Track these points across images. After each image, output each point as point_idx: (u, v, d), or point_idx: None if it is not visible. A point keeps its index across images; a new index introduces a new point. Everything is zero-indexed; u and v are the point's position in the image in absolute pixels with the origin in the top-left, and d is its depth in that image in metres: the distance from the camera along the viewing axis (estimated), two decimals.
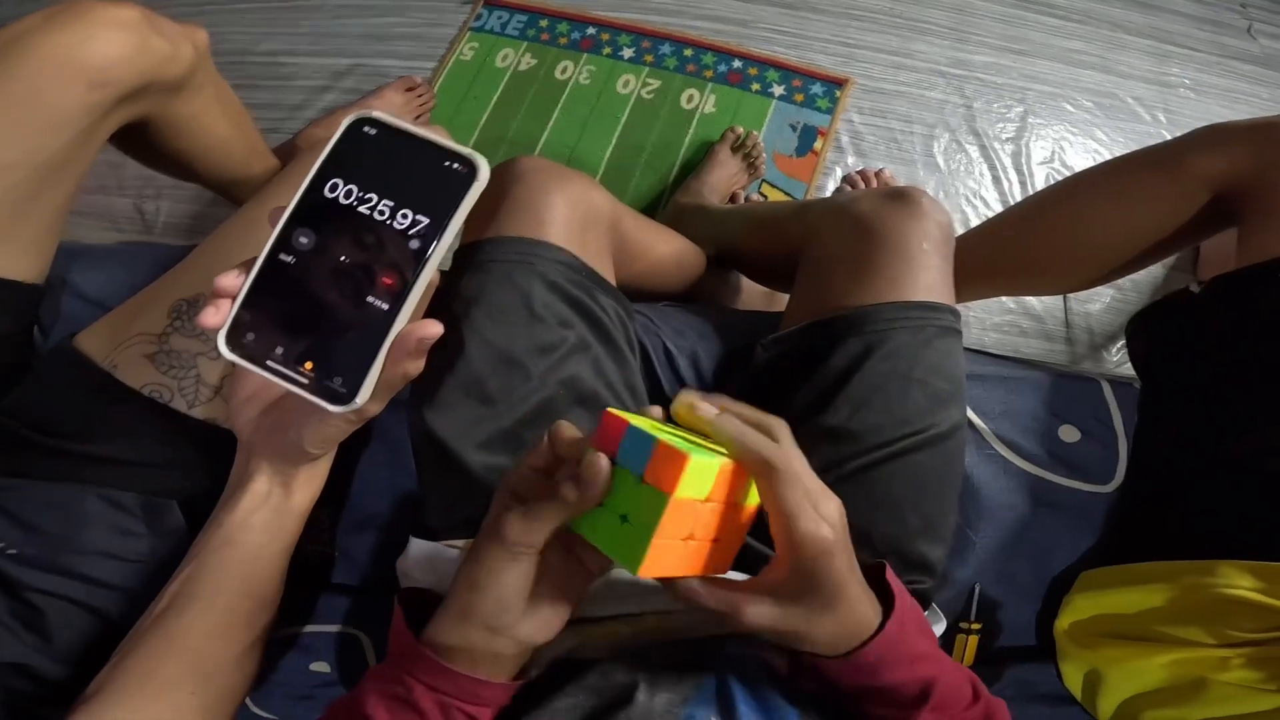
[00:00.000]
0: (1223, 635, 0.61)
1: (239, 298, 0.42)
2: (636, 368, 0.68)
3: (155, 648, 0.49)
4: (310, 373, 0.41)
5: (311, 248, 0.42)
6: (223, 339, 0.42)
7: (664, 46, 1.51)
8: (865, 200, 0.68)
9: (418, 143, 0.41)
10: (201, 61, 0.77)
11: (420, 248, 0.40)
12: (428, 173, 0.41)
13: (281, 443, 0.48)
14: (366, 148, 0.42)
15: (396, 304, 0.41)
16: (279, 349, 0.41)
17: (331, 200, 0.42)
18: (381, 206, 0.41)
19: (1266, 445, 0.64)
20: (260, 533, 0.51)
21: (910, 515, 0.58)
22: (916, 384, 0.59)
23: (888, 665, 0.45)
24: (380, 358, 0.41)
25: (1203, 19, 1.58)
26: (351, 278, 0.41)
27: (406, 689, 0.45)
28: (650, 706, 0.47)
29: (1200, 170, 0.71)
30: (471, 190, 0.41)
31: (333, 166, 0.42)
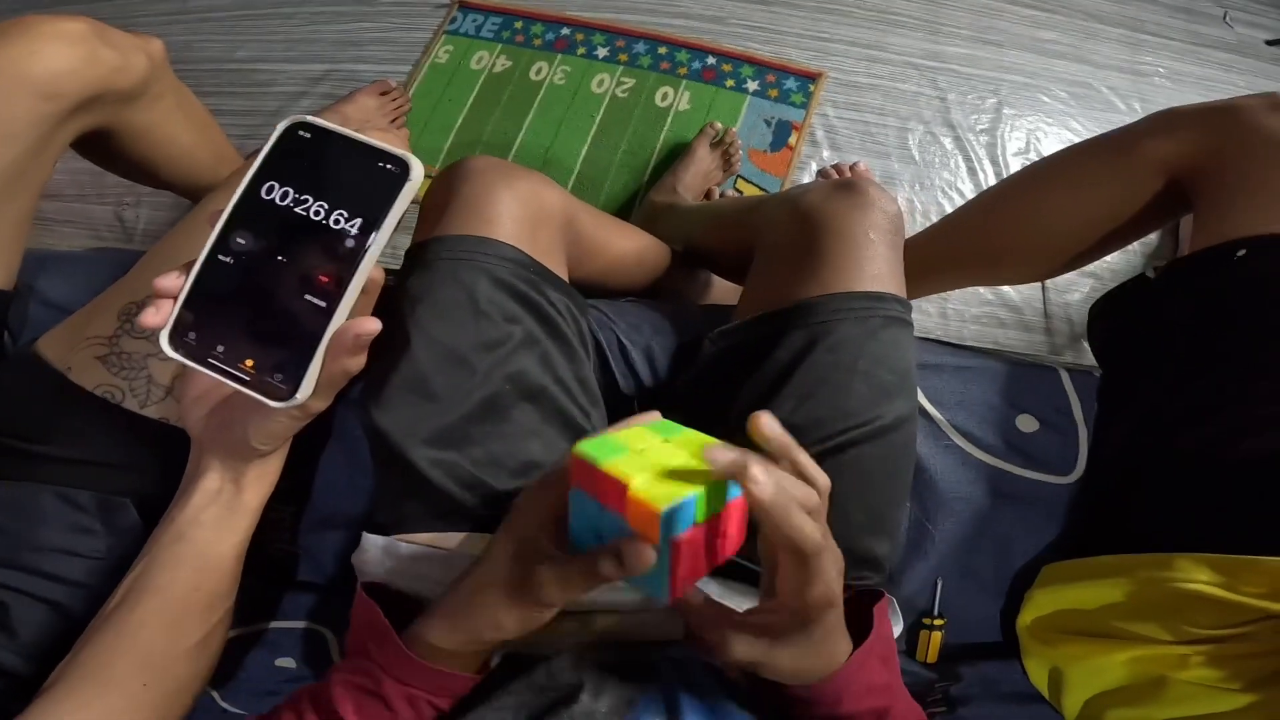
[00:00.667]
0: (1181, 632, 0.60)
1: (180, 298, 0.43)
2: (589, 362, 0.68)
3: (108, 642, 0.49)
4: (251, 370, 0.42)
5: (249, 249, 0.43)
6: (165, 338, 0.43)
7: (638, 45, 1.51)
8: (814, 192, 0.67)
9: (351, 145, 0.43)
10: (157, 71, 0.78)
11: (355, 246, 0.42)
12: (361, 174, 0.42)
13: (230, 439, 0.49)
14: (302, 151, 0.43)
15: (333, 302, 0.42)
16: (220, 347, 0.43)
17: (268, 202, 0.43)
18: (317, 207, 0.42)
19: (1223, 433, 0.62)
20: (211, 529, 0.51)
21: (855, 511, 0.57)
22: (860, 375, 0.59)
23: (848, 695, 0.46)
24: (319, 354, 0.42)
25: (1176, 7, 1.57)
26: (289, 277, 0.42)
27: (375, 682, 0.46)
28: (594, 708, 0.47)
29: (1152, 155, 0.71)
30: (404, 190, 0.42)
31: (269, 170, 0.43)
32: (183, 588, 0.51)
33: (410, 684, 0.46)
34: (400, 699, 0.46)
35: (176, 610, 0.51)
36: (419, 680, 0.46)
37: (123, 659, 0.49)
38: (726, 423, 0.44)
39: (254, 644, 0.80)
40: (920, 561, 0.72)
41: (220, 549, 0.52)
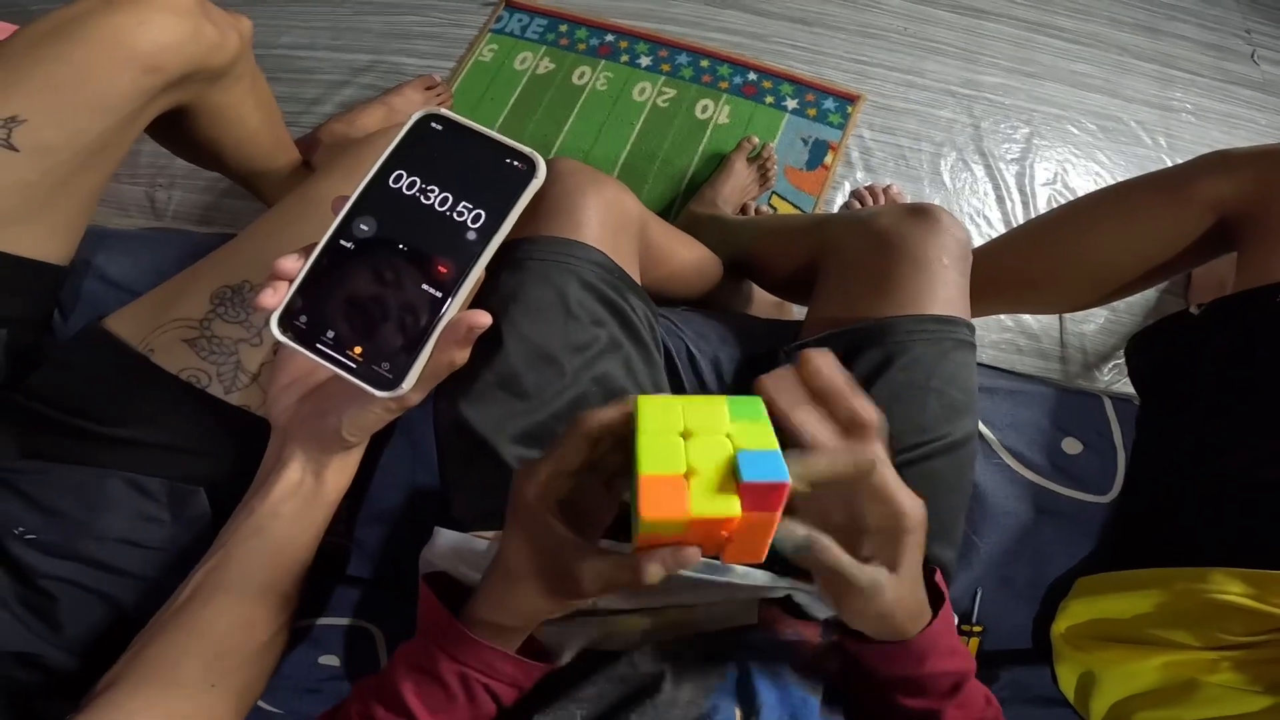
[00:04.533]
0: (1213, 639, 0.64)
1: (296, 281, 0.43)
2: (663, 368, 0.71)
3: (177, 640, 0.48)
4: (359, 357, 0.42)
5: (371, 235, 0.43)
6: (275, 321, 0.43)
7: (681, 56, 1.54)
8: (886, 215, 0.70)
9: (480, 139, 0.43)
10: (245, 50, 0.77)
11: (477, 239, 0.42)
12: (488, 168, 0.43)
13: (319, 429, 0.49)
14: (431, 142, 0.44)
15: (450, 292, 0.42)
16: (330, 332, 0.43)
17: (395, 190, 0.43)
18: (442, 198, 0.43)
19: (1258, 458, 0.67)
20: (290, 522, 0.51)
21: (927, 519, 0.60)
22: (934, 394, 0.62)
23: (933, 654, 0.48)
24: (430, 344, 0.42)
25: (1207, 44, 1.62)
26: (408, 265, 0.42)
27: (431, 660, 0.47)
28: (675, 697, 0.49)
29: (1205, 195, 0.74)
30: (530, 187, 0.42)
31: (398, 158, 0.44)
32: (258, 584, 0.50)
33: (462, 661, 0.46)
34: (453, 676, 0.46)
35: (250, 608, 0.50)
36: (474, 659, 0.47)
37: (191, 659, 0.48)
38: None
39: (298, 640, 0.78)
40: (964, 571, 0.75)
41: (297, 544, 0.51)
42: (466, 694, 0.47)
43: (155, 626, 0.49)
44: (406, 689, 0.47)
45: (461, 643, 0.47)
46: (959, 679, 0.49)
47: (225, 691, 0.49)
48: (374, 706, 0.48)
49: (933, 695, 0.49)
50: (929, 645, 0.47)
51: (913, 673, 0.48)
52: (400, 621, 0.77)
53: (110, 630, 0.59)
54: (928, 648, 0.47)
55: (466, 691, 0.47)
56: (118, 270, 0.82)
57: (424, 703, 0.47)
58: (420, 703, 0.47)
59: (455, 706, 0.47)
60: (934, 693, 0.49)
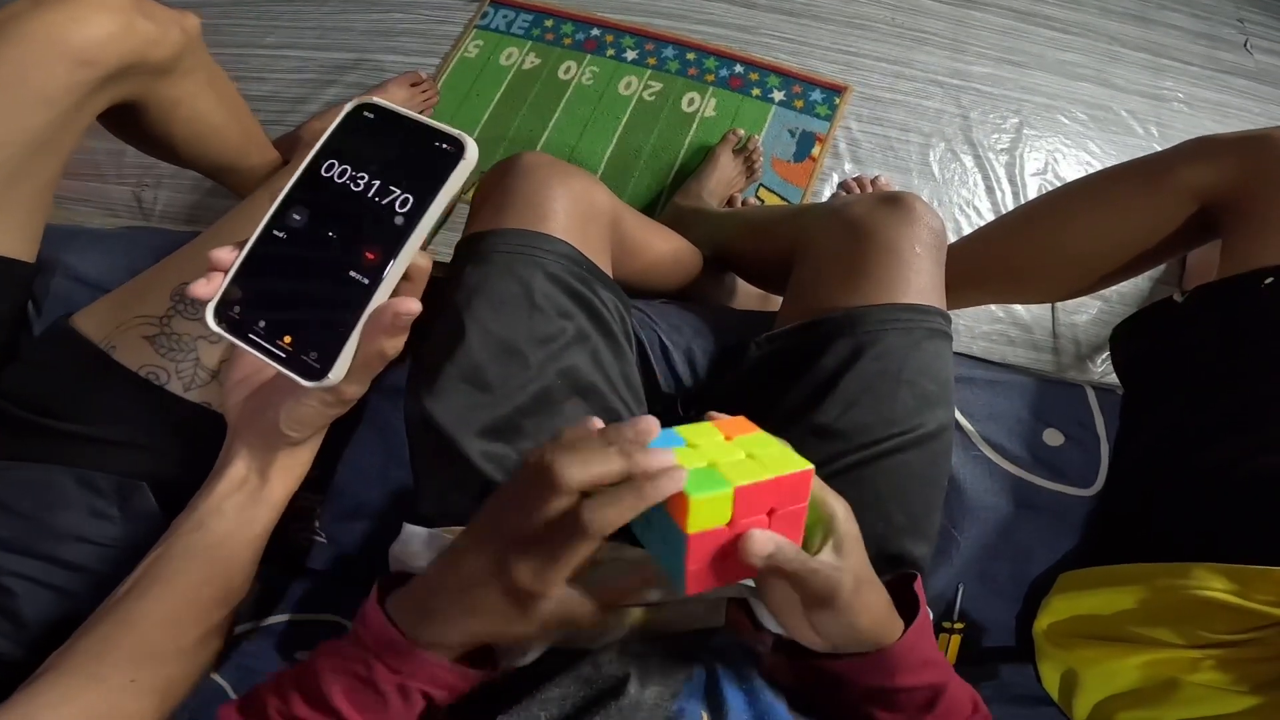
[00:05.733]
0: (1194, 636, 0.63)
1: (231, 271, 0.43)
2: (633, 361, 0.69)
3: (106, 631, 0.48)
4: (289, 347, 0.42)
5: (302, 225, 0.43)
6: (210, 311, 0.43)
7: (667, 50, 1.53)
8: (859, 204, 0.69)
9: (410, 124, 0.43)
10: (191, 46, 0.79)
11: (403, 224, 0.41)
12: (417, 153, 0.42)
13: (261, 425, 0.48)
14: (364, 131, 0.44)
15: (375, 279, 0.41)
16: (262, 322, 0.42)
17: (325, 179, 0.43)
18: (370, 184, 0.42)
19: (1242, 451, 0.65)
20: (231, 519, 0.50)
21: (896, 513, 0.59)
22: (905, 385, 0.61)
23: (905, 668, 0.47)
24: (355, 333, 0.42)
25: (1199, 33, 1.60)
26: (337, 253, 0.42)
27: (366, 668, 0.44)
28: (640, 698, 0.48)
29: (1188, 181, 0.73)
30: (457, 169, 0.41)
31: (331, 148, 0.44)
32: (192, 581, 0.50)
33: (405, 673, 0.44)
34: (391, 685, 0.44)
35: (180, 604, 0.49)
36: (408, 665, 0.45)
37: (116, 651, 0.47)
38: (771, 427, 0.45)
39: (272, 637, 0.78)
40: (944, 567, 0.74)
41: (237, 541, 0.50)
42: (403, 699, 0.45)
43: (92, 619, 0.49)
44: (335, 691, 0.45)
45: (406, 657, 0.45)
46: (934, 692, 0.48)
47: (145, 688, 0.48)
48: (295, 704, 0.45)
49: (907, 710, 0.48)
50: (899, 657, 0.47)
51: (883, 684, 0.47)
52: None
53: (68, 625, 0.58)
54: (898, 659, 0.47)
55: (403, 698, 0.45)
56: (88, 268, 0.82)
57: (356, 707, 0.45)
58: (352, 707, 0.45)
59: (389, 710, 0.45)
60: (908, 707, 0.48)
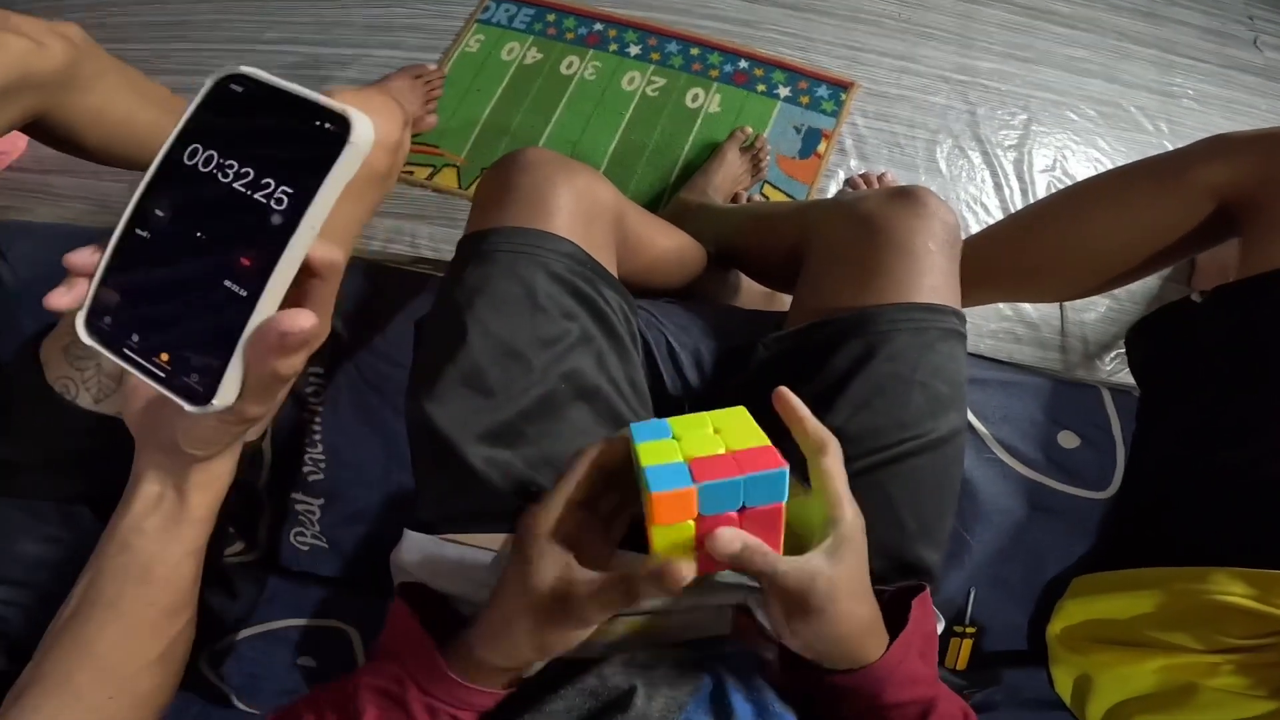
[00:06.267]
0: (1213, 641, 0.62)
1: (95, 276, 0.37)
2: (639, 363, 0.68)
3: (66, 654, 0.47)
4: (167, 365, 0.36)
5: (166, 223, 0.36)
6: (81, 321, 0.37)
7: (670, 45, 1.51)
8: (870, 199, 0.68)
9: (288, 100, 0.35)
10: (81, 52, 0.78)
11: (282, 224, 0.34)
12: (296, 136, 0.35)
13: (161, 440, 0.44)
14: (232, 109, 0.36)
15: (256, 290, 0.34)
16: (135, 336, 0.37)
17: (190, 168, 0.36)
18: (242, 175, 0.35)
19: (1262, 453, 0.64)
20: (155, 539, 0.46)
21: (908, 519, 0.58)
22: (918, 387, 0.59)
23: (892, 684, 0.46)
24: (237, 354, 0.35)
25: (1209, 30, 1.58)
26: (208, 258, 0.35)
27: (401, 688, 0.45)
28: (648, 710, 0.47)
29: (1205, 180, 0.72)
30: (343, 155, 0.34)
31: (194, 130, 0.37)
32: (135, 602, 0.47)
33: (436, 696, 0.46)
34: (421, 708, 0.45)
35: (131, 625, 0.47)
36: (446, 694, 0.46)
37: (83, 673, 0.46)
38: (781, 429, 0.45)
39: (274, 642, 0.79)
40: (956, 570, 0.73)
41: (167, 560, 0.47)
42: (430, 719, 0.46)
43: (48, 639, 0.48)
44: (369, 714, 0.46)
45: (439, 680, 0.46)
46: (924, 707, 0.47)
47: (125, 702, 0.48)
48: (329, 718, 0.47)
49: None
50: (885, 674, 0.46)
51: (871, 701, 0.47)
52: (375, 622, 0.77)
53: None
54: (884, 676, 0.46)
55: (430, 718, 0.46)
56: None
57: None
58: None
59: None
60: None
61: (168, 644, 0.49)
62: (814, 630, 0.44)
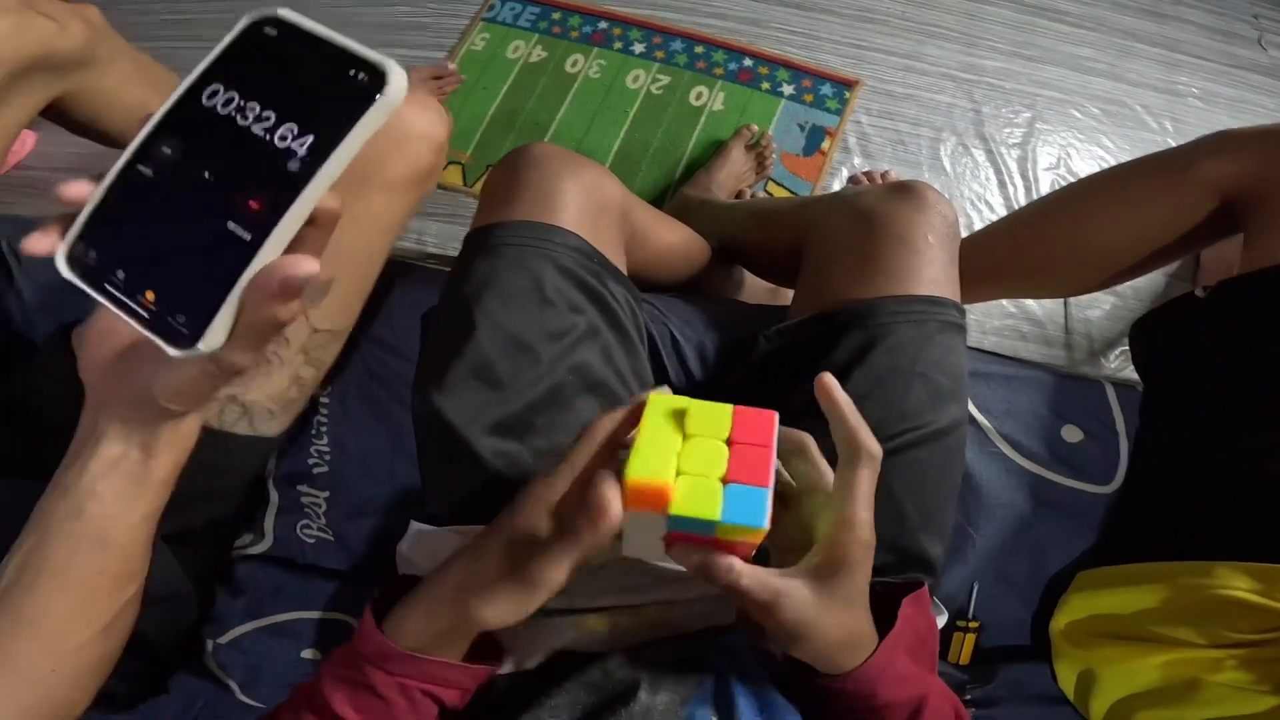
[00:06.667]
0: (1217, 636, 0.62)
1: (87, 209, 0.36)
2: (645, 357, 0.68)
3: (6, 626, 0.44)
4: (151, 304, 0.35)
5: (173, 160, 0.35)
6: (62, 255, 0.36)
7: (675, 43, 1.51)
8: (870, 194, 0.68)
9: (323, 47, 0.34)
10: (99, 35, 0.80)
11: (300, 170, 0.34)
12: (325, 84, 0.34)
13: (132, 394, 0.41)
14: (262, 52, 0.35)
15: (261, 233, 0.34)
16: (120, 272, 0.35)
17: (208, 109, 0.35)
18: (263, 118, 0.34)
19: (1266, 447, 0.64)
20: (112, 503, 0.44)
21: (910, 511, 0.58)
22: (918, 379, 0.59)
23: (883, 685, 0.46)
24: (233, 296, 0.34)
25: (1214, 29, 1.58)
26: (213, 198, 0.35)
27: (360, 672, 0.44)
28: (651, 705, 0.47)
29: (1208, 176, 0.72)
30: (374, 106, 0.33)
31: (219, 71, 0.35)
32: (85, 570, 0.45)
33: (395, 673, 0.44)
34: (390, 688, 0.44)
35: (81, 595, 0.45)
36: (403, 668, 0.44)
37: (28, 645, 0.44)
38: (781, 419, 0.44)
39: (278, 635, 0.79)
40: (959, 565, 0.73)
41: (123, 526, 0.45)
42: (406, 700, 0.45)
43: None
44: (337, 699, 0.45)
45: (389, 655, 0.44)
46: (915, 705, 0.47)
47: (68, 673, 0.46)
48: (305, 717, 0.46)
49: None
50: (873, 676, 0.45)
51: (863, 704, 0.46)
52: None
53: None
54: (872, 678, 0.45)
55: (407, 699, 0.45)
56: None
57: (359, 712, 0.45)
58: (356, 712, 0.45)
59: (393, 711, 0.45)
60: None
61: (115, 614, 0.47)
62: (785, 642, 0.44)
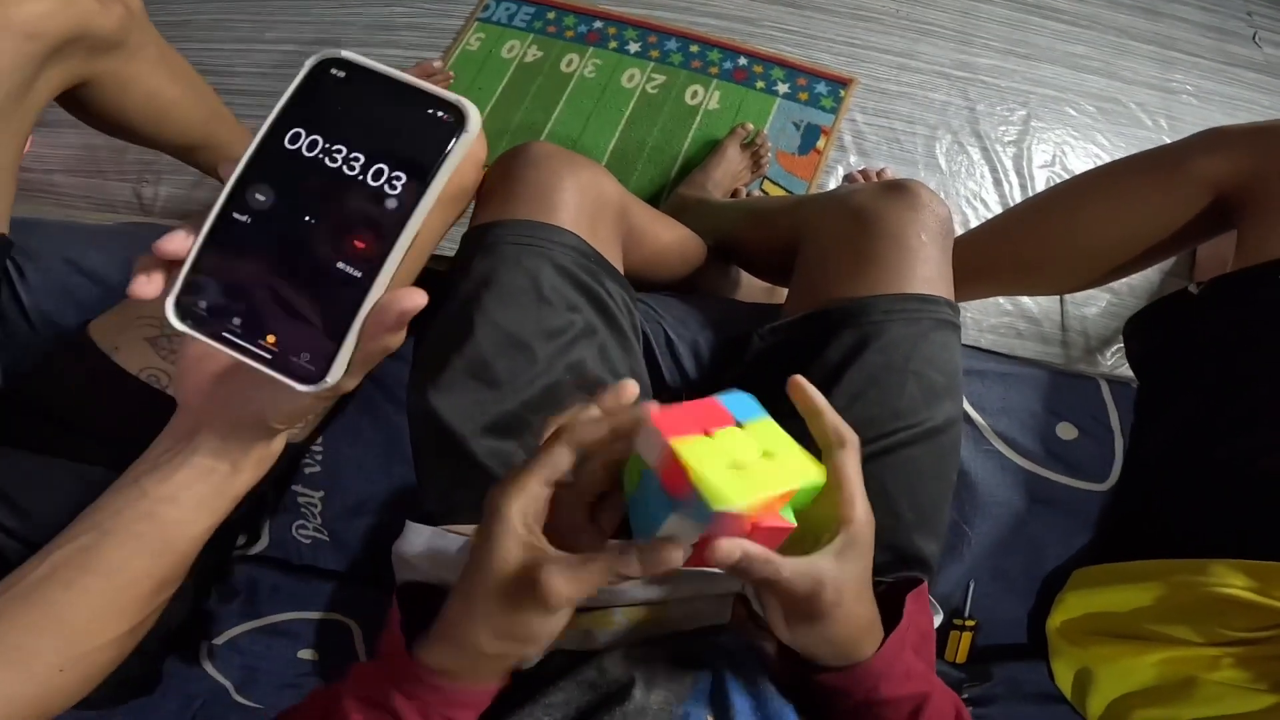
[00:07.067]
0: (1214, 634, 0.62)
1: (188, 261, 0.37)
2: (640, 356, 0.68)
3: (30, 620, 0.44)
4: (273, 347, 0.37)
5: (269, 206, 0.37)
6: (170, 306, 0.37)
7: (670, 42, 1.51)
8: (863, 192, 0.68)
9: (396, 88, 0.36)
10: (136, 21, 0.80)
11: (399, 208, 0.35)
12: (408, 122, 0.36)
13: (239, 417, 0.43)
14: (335, 93, 0.36)
15: (372, 271, 0.36)
16: (236, 320, 0.37)
17: (293, 152, 0.36)
18: (353, 159, 0.36)
19: (1261, 444, 0.64)
20: (190, 510, 0.45)
21: (905, 509, 0.58)
22: (912, 376, 0.60)
23: (887, 680, 0.46)
24: (353, 333, 0.36)
25: (1208, 26, 1.59)
26: (319, 242, 0.36)
27: (385, 695, 0.44)
28: (646, 703, 0.47)
29: (1201, 172, 0.72)
30: (459, 142, 0.35)
31: (294, 114, 0.36)
32: (136, 574, 0.45)
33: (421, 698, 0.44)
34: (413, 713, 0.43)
35: (120, 597, 0.45)
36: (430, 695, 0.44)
37: (43, 639, 0.43)
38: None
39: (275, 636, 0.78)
40: (955, 563, 0.73)
41: (191, 534, 0.46)
42: None
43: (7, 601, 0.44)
44: None
45: (417, 682, 0.44)
46: (918, 702, 0.47)
47: (73, 678, 0.45)
48: None
49: None
50: (880, 670, 0.45)
51: (866, 698, 0.46)
52: (376, 615, 0.77)
53: None
54: (879, 672, 0.45)
55: None
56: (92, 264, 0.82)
57: None
58: None
59: None
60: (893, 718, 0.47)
61: (144, 619, 0.47)
62: (816, 632, 0.43)
